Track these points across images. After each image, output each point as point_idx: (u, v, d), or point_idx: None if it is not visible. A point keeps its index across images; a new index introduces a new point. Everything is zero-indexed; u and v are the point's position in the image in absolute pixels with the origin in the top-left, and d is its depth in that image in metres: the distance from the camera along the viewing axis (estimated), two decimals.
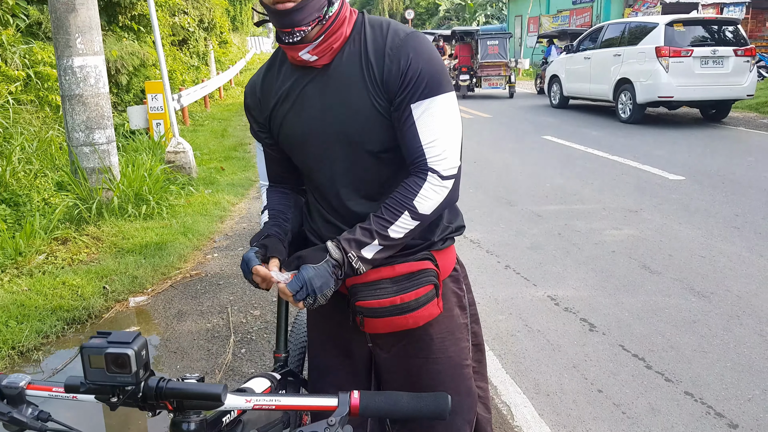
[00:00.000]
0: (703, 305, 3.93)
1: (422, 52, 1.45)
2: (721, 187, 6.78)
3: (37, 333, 3.79)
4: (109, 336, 1.11)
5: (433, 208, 1.48)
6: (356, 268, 1.45)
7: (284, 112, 1.58)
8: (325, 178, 1.60)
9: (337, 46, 1.49)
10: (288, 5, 1.39)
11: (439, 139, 1.46)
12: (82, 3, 5.70)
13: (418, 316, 1.55)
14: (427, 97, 1.44)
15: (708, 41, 11.36)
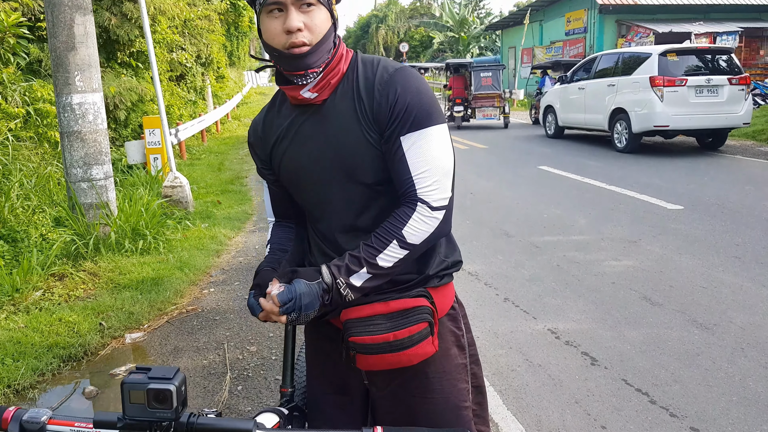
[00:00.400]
0: (707, 337, 3.89)
1: (410, 86, 1.49)
2: (720, 216, 6.77)
3: (33, 371, 3.75)
4: (149, 371, 1.11)
5: (422, 238, 1.48)
6: (344, 294, 1.46)
7: (284, 148, 1.63)
8: (323, 211, 1.63)
9: (334, 82, 1.54)
10: (304, 49, 1.45)
11: (429, 170, 1.48)
12: (82, 41, 5.75)
13: (412, 354, 1.54)
14: (416, 129, 1.47)
15: (702, 70, 11.45)
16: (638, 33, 23.65)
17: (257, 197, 9.10)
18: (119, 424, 1.13)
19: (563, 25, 27.89)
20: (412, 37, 54.63)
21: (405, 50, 42.40)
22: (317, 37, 1.46)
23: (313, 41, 1.46)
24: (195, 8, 15.87)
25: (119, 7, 10.47)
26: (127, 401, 1.11)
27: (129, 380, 1.10)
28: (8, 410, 1.16)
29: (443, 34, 46.64)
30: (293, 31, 1.43)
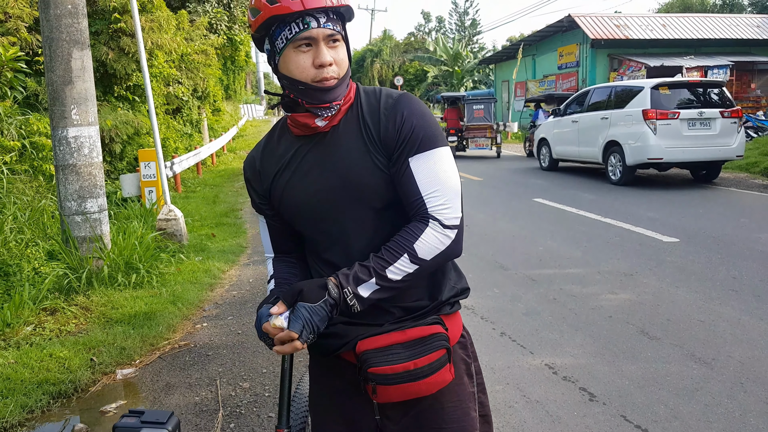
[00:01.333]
0: (705, 372, 3.85)
1: (415, 110, 1.54)
2: (716, 248, 6.77)
3: (22, 407, 3.67)
4: (142, 415, 1.08)
5: (433, 254, 1.49)
6: (351, 305, 1.46)
7: (285, 180, 1.63)
8: (328, 240, 1.63)
9: (344, 109, 1.57)
10: (332, 82, 1.49)
11: (439, 189, 1.51)
12: (79, 76, 5.77)
13: (432, 382, 1.53)
14: (423, 150, 1.52)
15: (694, 103, 11.57)
16: (630, 67, 23.95)
17: (252, 230, 9.07)
18: None
19: (556, 60, 28.23)
20: (407, 70, 55.13)
21: (399, 84, 42.76)
22: (343, 71, 1.52)
23: (340, 74, 1.51)
24: (192, 43, 16.00)
25: (117, 42, 10.55)
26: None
27: (121, 425, 1.07)
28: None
29: (437, 68, 47.11)
30: (325, 66, 1.47)
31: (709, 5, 41.21)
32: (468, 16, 64.14)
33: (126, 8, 10.34)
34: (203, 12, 20.90)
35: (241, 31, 24.48)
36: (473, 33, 61.47)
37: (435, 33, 65.41)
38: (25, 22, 8.97)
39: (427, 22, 70.35)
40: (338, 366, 1.63)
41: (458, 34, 60.36)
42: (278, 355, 3.57)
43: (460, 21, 64.34)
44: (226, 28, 22.88)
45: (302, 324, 1.43)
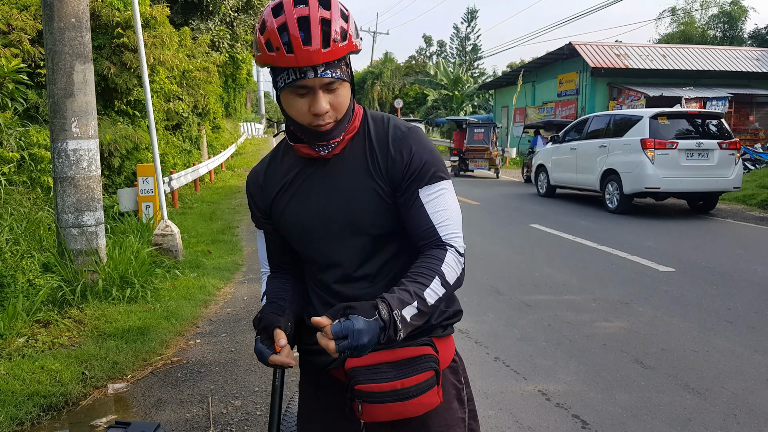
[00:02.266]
0: (699, 402, 3.84)
1: (424, 145, 1.59)
2: (711, 279, 6.78)
3: (12, 420, 3.64)
4: (128, 426, 1.07)
5: (454, 279, 1.54)
6: (399, 329, 1.40)
7: (287, 199, 1.65)
8: (324, 261, 1.65)
9: (347, 138, 1.59)
10: (329, 126, 1.51)
11: (449, 219, 1.57)
12: (80, 89, 5.80)
13: (418, 403, 1.53)
14: (432, 182, 1.57)
15: (692, 134, 11.62)
16: (629, 96, 24.13)
17: (248, 248, 9.06)
18: None
19: (555, 87, 28.44)
20: (407, 93, 55.47)
21: (399, 106, 43.00)
22: (341, 113, 1.52)
23: (338, 117, 1.52)
24: (194, 60, 16.10)
25: (119, 57, 10.60)
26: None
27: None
28: None
29: (437, 91, 47.40)
30: (320, 114, 1.48)
31: (709, 37, 41.61)
32: (469, 41, 64.71)
33: (129, 23, 10.41)
34: (206, 29, 21.08)
35: (243, 49, 24.65)
36: (474, 58, 61.96)
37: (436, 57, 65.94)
38: (28, 34, 9.02)
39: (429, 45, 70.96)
40: (328, 384, 1.64)
41: (459, 59, 60.81)
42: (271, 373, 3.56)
43: (461, 46, 64.88)
44: (228, 46, 23.05)
45: (346, 332, 1.33)
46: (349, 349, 1.34)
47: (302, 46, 1.39)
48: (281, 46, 1.40)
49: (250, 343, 5.07)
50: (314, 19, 1.40)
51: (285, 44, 1.40)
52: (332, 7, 1.44)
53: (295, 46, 1.39)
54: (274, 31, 1.41)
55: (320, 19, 1.40)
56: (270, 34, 1.42)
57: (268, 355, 1.53)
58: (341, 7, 1.47)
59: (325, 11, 1.42)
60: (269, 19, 1.43)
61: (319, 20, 1.40)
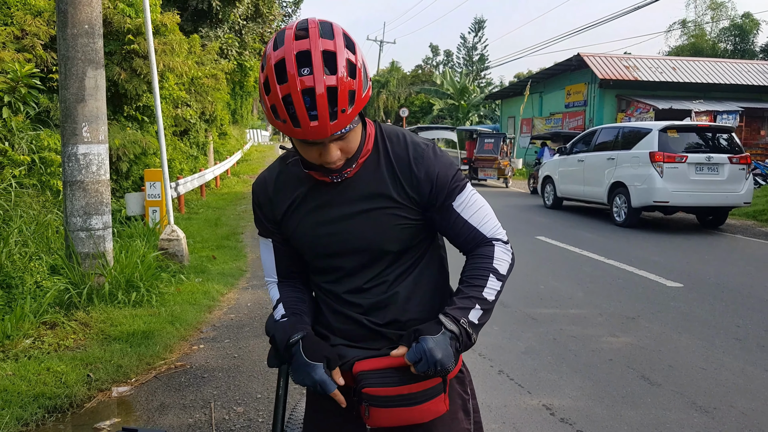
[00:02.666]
0: (706, 421, 3.81)
1: (444, 161, 1.62)
2: (720, 295, 6.74)
3: (17, 420, 3.66)
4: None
5: (507, 268, 1.64)
6: (470, 333, 1.52)
7: (300, 216, 1.64)
8: (338, 273, 1.66)
9: (362, 161, 1.58)
10: (340, 164, 1.50)
11: (485, 217, 1.66)
12: (92, 94, 5.83)
13: (424, 409, 1.54)
14: (459, 192, 1.63)
15: (702, 148, 11.55)
16: (638, 108, 24.09)
17: (252, 254, 9.06)
18: None
19: (563, 98, 28.42)
20: (413, 102, 55.58)
21: (405, 115, 43.04)
22: (352, 152, 1.52)
23: (348, 156, 1.51)
24: (203, 67, 16.16)
25: (129, 63, 10.65)
26: None
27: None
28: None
29: (443, 101, 47.46)
30: (331, 163, 1.48)
31: (720, 50, 41.57)
32: (476, 51, 64.81)
33: (140, 30, 10.46)
34: (215, 37, 21.18)
35: (251, 57, 24.76)
36: (481, 68, 62.04)
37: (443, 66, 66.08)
38: (41, 39, 9.07)
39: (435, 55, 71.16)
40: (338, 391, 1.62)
41: (466, 69, 60.91)
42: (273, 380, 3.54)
43: (468, 55, 64.97)
44: (236, 53, 23.16)
45: (419, 355, 1.46)
46: (429, 368, 1.46)
47: (309, 122, 1.36)
48: (287, 119, 1.37)
49: (252, 350, 5.07)
50: (319, 90, 1.34)
51: (291, 117, 1.37)
52: (337, 49, 1.38)
53: (302, 122, 1.36)
54: (278, 99, 1.37)
55: (326, 89, 1.34)
56: (274, 100, 1.38)
57: (333, 389, 1.54)
58: (346, 40, 1.41)
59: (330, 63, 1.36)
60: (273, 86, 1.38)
61: (325, 90, 1.34)
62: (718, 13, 43.02)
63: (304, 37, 1.36)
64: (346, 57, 1.37)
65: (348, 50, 1.39)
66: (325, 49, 1.35)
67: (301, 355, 1.55)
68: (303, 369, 1.54)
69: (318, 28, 1.38)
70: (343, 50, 1.38)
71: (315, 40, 1.36)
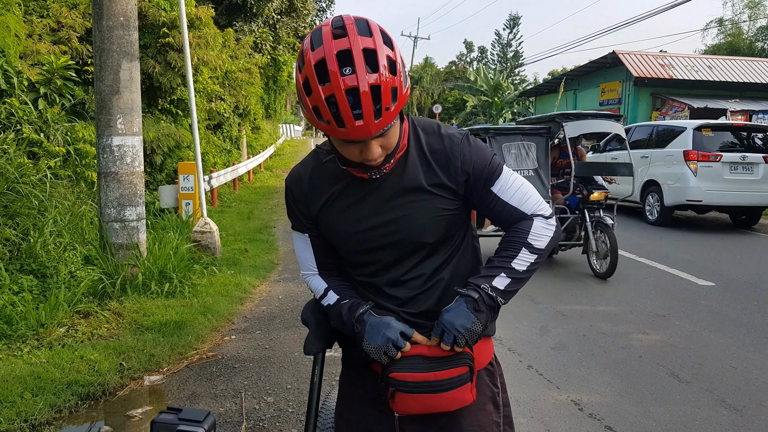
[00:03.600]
0: (735, 419, 3.76)
1: (480, 148, 1.64)
2: (752, 295, 6.63)
3: (51, 407, 3.75)
4: (180, 413, 1.10)
5: (546, 242, 1.65)
6: (493, 296, 1.57)
7: (336, 212, 1.65)
8: (375, 266, 1.68)
9: (399, 156, 1.59)
10: (380, 160, 1.50)
11: (524, 195, 1.66)
12: (126, 86, 5.93)
13: (450, 398, 1.55)
14: (497, 176, 1.64)
15: (737, 147, 11.36)
16: (673, 107, 23.72)
17: (284, 247, 9.14)
18: None
19: (597, 96, 28.10)
20: (446, 99, 55.42)
21: (438, 112, 42.91)
22: (392, 148, 1.52)
23: (388, 152, 1.51)
24: (237, 61, 16.32)
25: (164, 56, 10.81)
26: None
27: (159, 420, 1.09)
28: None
29: (477, 98, 47.19)
30: (371, 160, 1.48)
31: (757, 49, 40.74)
32: (511, 47, 64.40)
33: (175, 24, 10.61)
34: (249, 31, 21.36)
35: (285, 51, 24.88)
36: (515, 65, 61.62)
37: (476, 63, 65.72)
38: (77, 32, 9.25)
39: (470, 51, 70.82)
40: (368, 378, 1.66)
41: (500, 65, 60.55)
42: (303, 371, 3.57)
43: (503, 52, 64.60)
44: (270, 48, 23.29)
45: (440, 328, 1.53)
46: (452, 335, 1.52)
47: (354, 122, 1.35)
48: (332, 119, 1.37)
49: (283, 341, 5.13)
50: (363, 89, 1.33)
51: (335, 117, 1.36)
52: (375, 41, 1.37)
53: (347, 122, 1.35)
54: (321, 100, 1.35)
55: (370, 87, 1.33)
56: (317, 101, 1.36)
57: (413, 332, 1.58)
58: (384, 37, 1.40)
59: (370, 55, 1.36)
60: (315, 87, 1.37)
61: (369, 89, 1.33)
62: (755, 11, 42.15)
63: (342, 36, 1.35)
64: (386, 54, 1.36)
65: (387, 47, 1.38)
66: (365, 47, 1.35)
67: (373, 315, 1.59)
68: (377, 327, 1.56)
69: (355, 26, 1.37)
70: (382, 47, 1.37)
71: (354, 38, 1.35)
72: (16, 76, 7.21)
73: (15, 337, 4.67)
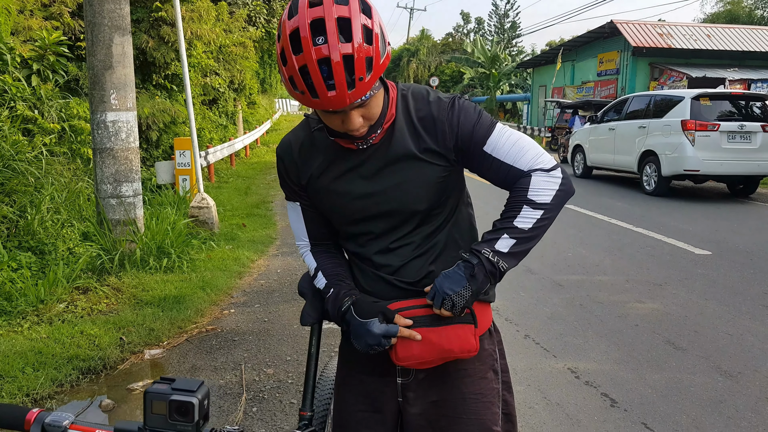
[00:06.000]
0: (730, 385, 3.80)
1: (469, 109, 1.60)
2: (749, 263, 6.66)
3: (52, 381, 3.79)
4: (173, 382, 1.10)
5: (551, 195, 1.57)
6: (494, 261, 1.53)
7: (326, 183, 1.64)
8: (366, 236, 1.66)
9: (387, 126, 1.57)
10: (364, 131, 1.49)
11: (520, 150, 1.59)
12: (119, 61, 5.88)
13: (453, 333, 1.55)
14: (489, 135, 1.59)
15: (735, 116, 11.33)
16: (671, 77, 23.60)
17: (281, 222, 9.15)
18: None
19: (595, 66, 27.95)
20: (443, 71, 54.93)
21: (435, 84, 42.65)
22: (374, 119, 1.50)
23: (372, 123, 1.50)
24: (231, 35, 16.15)
25: (157, 30, 10.71)
26: (149, 411, 1.09)
27: (152, 390, 1.09)
28: (31, 412, 1.16)
29: (474, 70, 46.86)
30: (353, 130, 1.46)
31: (757, 17, 40.38)
32: (508, 18, 63.77)
33: None
34: (243, 4, 21.07)
35: None
36: (512, 36, 61.08)
37: (473, 34, 65.08)
38: (68, 6, 9.16)
39: (466, 23, 70.13)
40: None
41: (497, 37, 60.03)
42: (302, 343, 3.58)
43: (500, 23, 63.98)
44: (264, 21, 23.00)
45: (433, 291, 1.52)
46: (440, 298, 1.51)
47: (327, 92, 1.34)
48: (306, 90, 1.36)
49: (282, 314, 5.16)
50: (335, 59, 1.31)
51: (309, 88, 1.36)
52: (351, 10, 1.35)
53: (320, 93, 1.34)
54: (295, 70, 1.35)
55: (342, 57, 1.31)
56: (291, 71, 1.36)
57: (396, 330, 1.54)
58: (362, 4, 1.37)
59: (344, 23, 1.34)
60: (289, 57, 1.36)
61: (341, 59, 1.31)
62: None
63: (318, 4, 1.33)
64: (361, 23, 1.34)
65: (364, 15, 1.35)
66: (339, 16, 1.32)
67: (355, 318, 1.56)
68: (360, 329, 1.55)
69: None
70: (358, 16, 1.34)
71: (329, 7, 1.33)
72: (8, 52, 7.15)
73: (15, 314, 4.69)
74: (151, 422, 1.10)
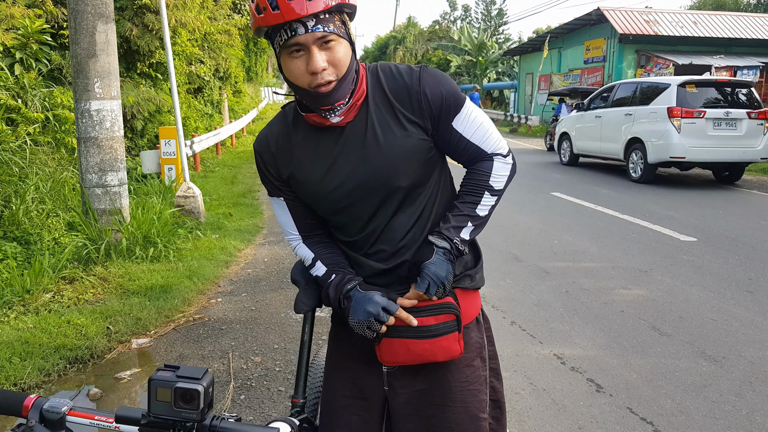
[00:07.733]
0: (715, 370, 3.85)
1: (440, 78, 1.60)
2: (733, 249, 6.72)
3: (39, 371, 3.78)
4: (178, 370, 1.10)
5: (504, 182, 1.69)
6: (462, 250, 1.61)
7: (308, 172, 1.62)
8: (352, 221, 1.65)
9: (359, 104, 1.56)
10: (330, 87, 1.47)
11: (485, 133, 1.66)
12: (103, 49, 5.83)
13: (438, 346, 1.56)
14: (458, 111, 1.61)
15: (721, 103, 11.38)
16: (658, 64, 23.65)
17: (268, 211, 9.13)
18: (143, 421, 1.11)
19: (582, 53, 27.96)
20: (430, 59, 54.75)
21: None
22: (341, 71, 1.48)
23: (339, 75, 1.48)
24: (216, 22, 16.03)
25: (141, 18, 10.61)
26: (153, 398, 1.09)
27: (157, 377, 1.09)
28: (29, 398, 1.15)
29: (461, 57, 46.72)
30: (318, 72, 1.44)
31: (743, 4, 40.53)
32: (495, 5, 63.57)
33: None
34: None
35: None
36: (499, 23, 60.90)
37: (460, 22, 64.84)
38: None
39: (453, 10, 69.81)
40: (356, 334, 1.64)
41: (484, 24, 59.82)
42: (289, 332, 3.59)
43: (487, 10, 63.76)
44: None
45: (427, 280, 1.55)
46: (436, 287, 1.55)
47: (287, 1, 1.37)
48: (267, 6, 1.39)
49: (270, 303, 5.16)
50: None
51: (270, 3, 1.39)
52: None
53: (279, 2, 1.37)
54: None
55: None
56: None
57: (396, 308, 1.56)
58: None
59: None
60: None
61: None
62: None
63: None
64: None
65: None
66: None
67: (359, 291, 1.59)
68: (360, 302, 1.56)
69: None
70: None
71: None
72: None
73: (1, 304, 4.67)
74: (155, 409, 1.09)
